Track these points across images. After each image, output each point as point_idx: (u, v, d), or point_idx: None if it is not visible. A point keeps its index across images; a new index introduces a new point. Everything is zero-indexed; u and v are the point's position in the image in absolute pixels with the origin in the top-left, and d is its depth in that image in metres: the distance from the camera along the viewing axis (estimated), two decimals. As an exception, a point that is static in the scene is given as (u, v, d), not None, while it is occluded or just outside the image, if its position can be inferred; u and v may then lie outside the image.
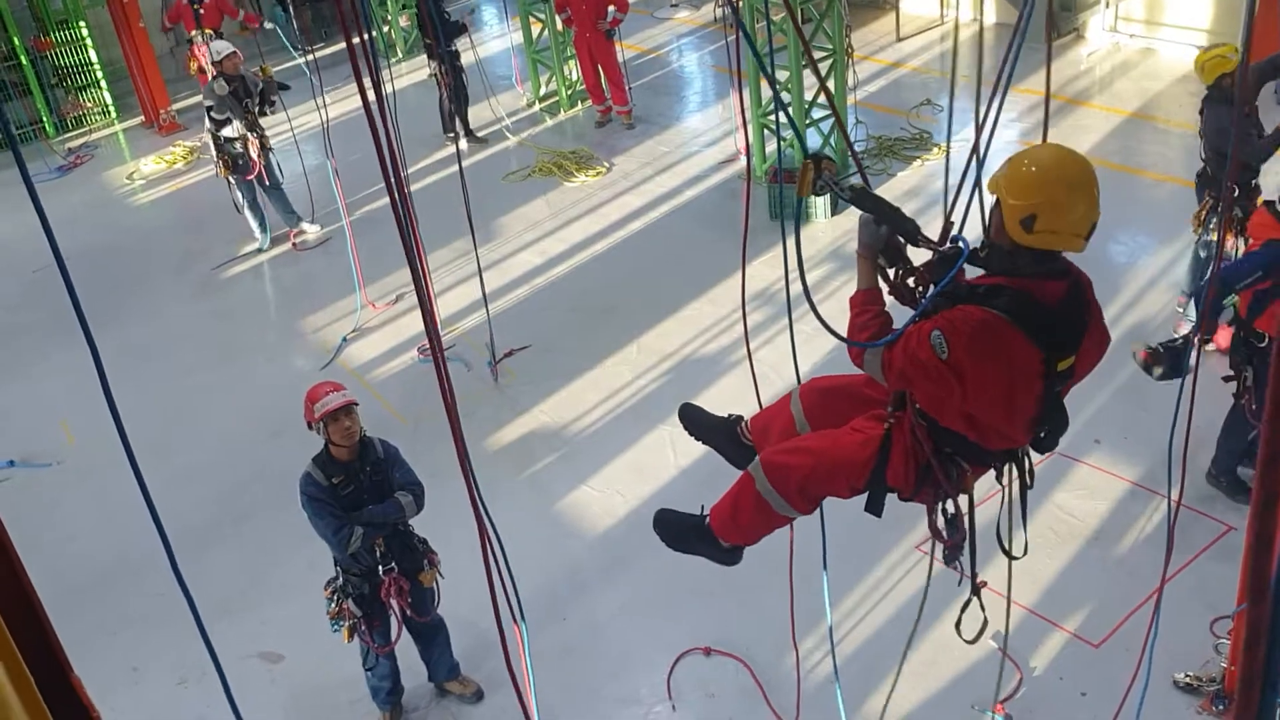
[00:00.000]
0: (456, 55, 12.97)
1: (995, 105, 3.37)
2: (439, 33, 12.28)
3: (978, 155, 3.45)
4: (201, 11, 12.87)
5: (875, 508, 3.87)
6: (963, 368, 3.30)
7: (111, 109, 16.02)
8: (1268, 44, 10.11)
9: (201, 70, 12.95)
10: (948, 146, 6.17)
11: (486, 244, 10.79)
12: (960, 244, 3.37)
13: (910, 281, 3.55)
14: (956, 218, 3.51)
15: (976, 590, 4.00)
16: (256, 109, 10.91)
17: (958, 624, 4.08)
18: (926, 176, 11.03)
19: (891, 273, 3.57)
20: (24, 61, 15.24)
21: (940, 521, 3.88)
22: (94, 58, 15.82)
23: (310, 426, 5.49)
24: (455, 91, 12.91)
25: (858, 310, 3.54)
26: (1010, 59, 3.27)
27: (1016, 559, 3.98)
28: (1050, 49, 3.71)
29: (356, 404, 5.47)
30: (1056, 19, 13.48)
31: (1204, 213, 7.66)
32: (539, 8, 13.88)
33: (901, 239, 3.49)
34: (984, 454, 3.67)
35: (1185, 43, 12.52)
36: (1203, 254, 7.90)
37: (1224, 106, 7.28)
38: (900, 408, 3.68)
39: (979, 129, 3.51)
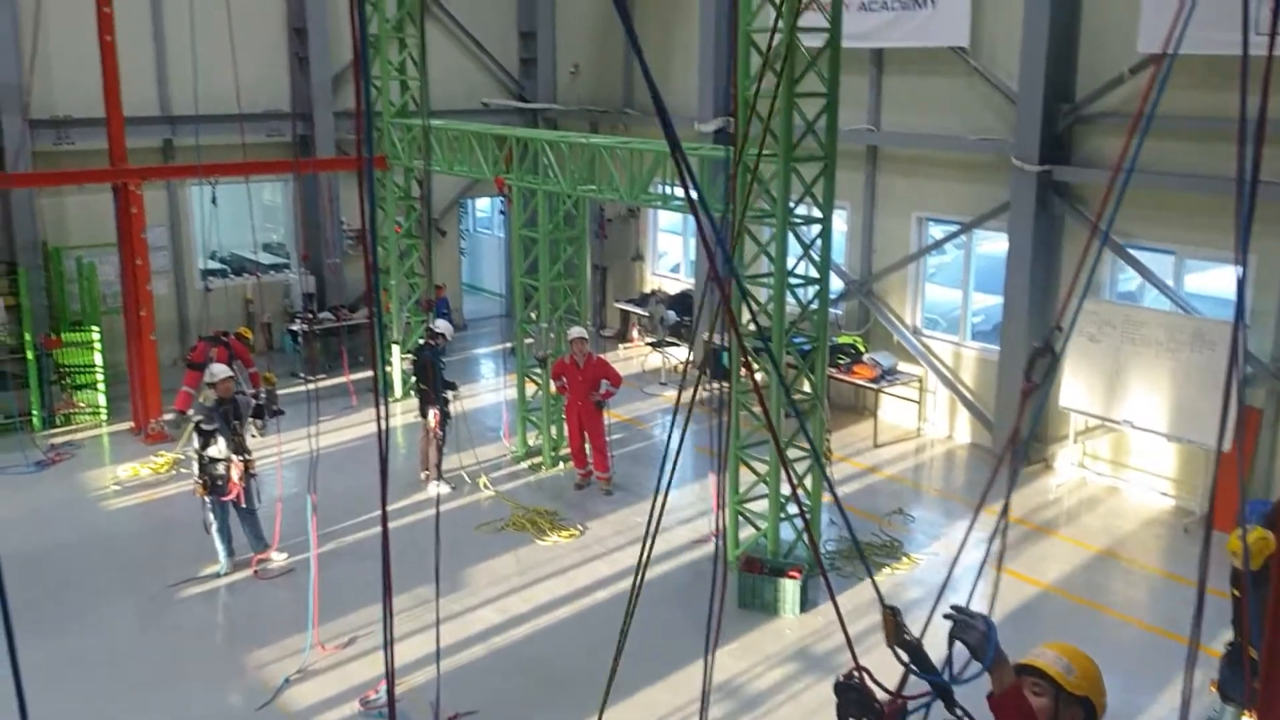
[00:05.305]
0: (446, 402, 13.48)
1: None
2: (437, 385, 13.02)
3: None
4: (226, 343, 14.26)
5: None
6: None
7: (103, 410, 16.19)
8: (1228, 499, 10.55)
9: (193, 366, 13.64)
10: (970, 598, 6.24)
11: (449, 594, 10.65)
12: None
13: None
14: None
15: None
16: (245, 431, 11.14)
17: None
18: (895, 585, 11.04)
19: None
20: (29, 356, 15.54)
21: None
22: (99, 360, 16.17)
23: None
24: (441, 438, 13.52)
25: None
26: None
27: None
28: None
29: None
30: (1027, 447, 14.05)
31: None
32: (536, 371, 14.45)
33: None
34: None
35: (1150, 488, 13.03)
36: None
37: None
38: None
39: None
